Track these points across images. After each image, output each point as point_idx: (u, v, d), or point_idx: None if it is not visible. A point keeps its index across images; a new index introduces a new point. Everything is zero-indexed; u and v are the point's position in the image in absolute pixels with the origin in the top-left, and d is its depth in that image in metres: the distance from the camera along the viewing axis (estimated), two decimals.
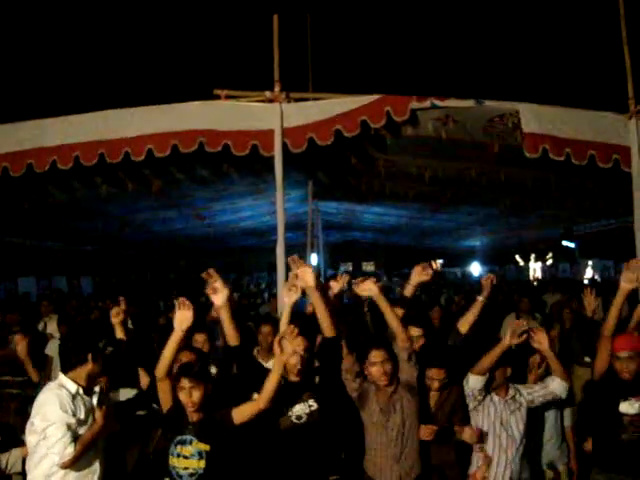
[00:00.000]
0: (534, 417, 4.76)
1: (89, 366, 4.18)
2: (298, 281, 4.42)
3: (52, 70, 18.25)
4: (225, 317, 4.40)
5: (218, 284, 4.36)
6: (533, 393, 4.58)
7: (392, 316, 4.32)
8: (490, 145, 6.80)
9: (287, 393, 4.24)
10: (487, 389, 4.55)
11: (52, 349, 7.28)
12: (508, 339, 4.43)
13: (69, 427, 3.96)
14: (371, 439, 4.34)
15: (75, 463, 3.98)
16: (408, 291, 5.12)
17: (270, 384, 3.90)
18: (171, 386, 4.20)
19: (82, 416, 4.09)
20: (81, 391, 4.16)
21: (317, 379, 4.35)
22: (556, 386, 4.54)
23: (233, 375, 4.78)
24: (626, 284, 4.52)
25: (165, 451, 4.07)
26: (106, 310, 10.39)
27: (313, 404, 4.21)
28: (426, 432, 4.31)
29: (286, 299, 4.68)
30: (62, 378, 4.18)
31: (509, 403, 4.53)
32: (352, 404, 4.44)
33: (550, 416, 5.15)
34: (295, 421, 4.18)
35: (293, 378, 4.28)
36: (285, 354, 3.93)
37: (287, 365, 4.20)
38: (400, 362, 4.31)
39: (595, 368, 4.61)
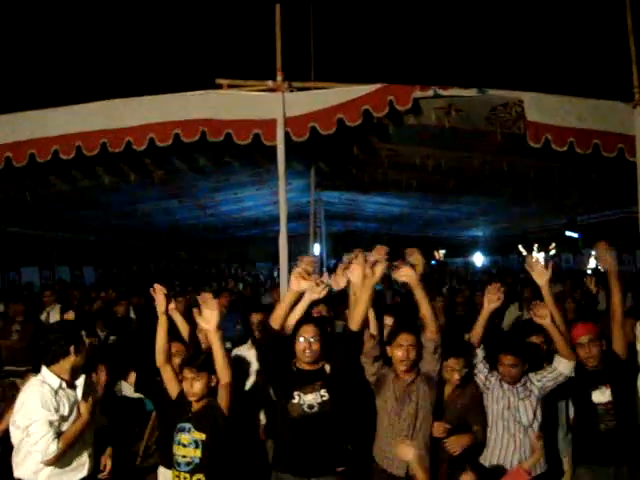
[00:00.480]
0: (549, 406, 4.72)
1: (72, 359, 4.11)
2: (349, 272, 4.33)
3: (54, 60, 18.22)
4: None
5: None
6: (542, 379, 4.53)
7: (427, 306, 4.26)
8: (493, 134, 6.77)
9: (299, 380, 4.24)
10: (493, 364, 4.55)
11: None
12: (487, 304, 4.61)
13: (51, 424, 3.89)
14: (382, 427, 4.33)
15: (60, 459, 3.95)
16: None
17: (216, 359, 3.95)
18: (174, 371, 4.24)
19: (65, 412, 4.02)
20: (64, 385, 4.09)
21: (328, 368, 4.31)
22: (563, 366, 4.48)
23: None
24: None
25: (170, 438, 4.11)
26: (109, 300, 10.46)
27: (325, 394, 4.19)
28: (438, 429, 4.31)
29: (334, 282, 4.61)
30: (45, 372, 4.09)
31: (519, 390, 4.50)
32: (362, 396, 4.44)
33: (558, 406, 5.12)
34: (307, 410, 4.17)
35: (305, 366, 4.26)
36: (203, 320, 4.00)
37: (296, 352, 4.22)
38: (425, 353, 4.29)
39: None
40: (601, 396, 4.42)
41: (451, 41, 20.65)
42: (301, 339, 4.21)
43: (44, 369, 4.11)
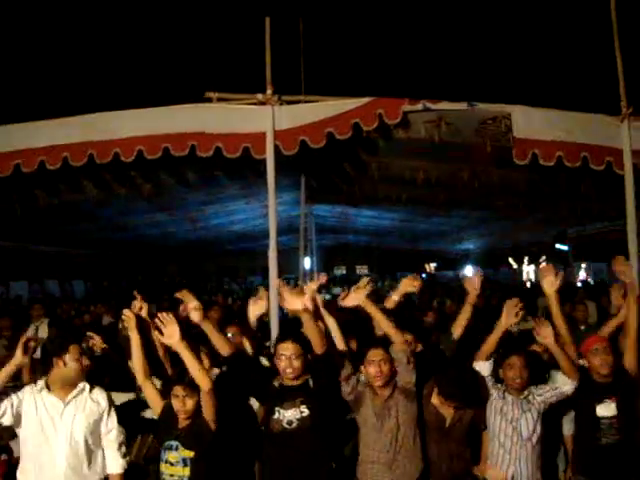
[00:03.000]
0: (551, 422, 4.67)
1: (56, 370, 4.11)
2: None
3: (44, 73, 18.19)
4: (208, 330, 4.44)
5: (192, 304, 4.40)
6: (544, 394, 4.46)
7: (383, 320, 4.31)
8: (483, 147, 6.78)
9: (280, 396, 4.21)
10: (497, 377, 4.51)
11: None
12: (505, 319, 4.48)
13: None
14: (364, 444, 4.29)
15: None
16: (390, 303, 5.02)
17: (190, 368, 3.94)
18: (155, 388, 4.20)
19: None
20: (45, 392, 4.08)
21: (311, 384, 4.29)
22: (567, 387, 4.44)
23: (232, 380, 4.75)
24: (550, 288, 4.62)
25: (157, 456, 4.05)
26: (98, 314, 10.38)
27: (305, 410, 4.16)
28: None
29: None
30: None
31: (522, 403, 4.45)
32: (345, 414, 4.41)
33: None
34: (286, 426, 4.15)
35: (287, 382, 4.24)
36: (165, 338, 4.04)
37: (279, 369, 4.20)
38: (398, 366, 4.26)
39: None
40: (606, 410, 4.37)
41: (441, 55, 20.78)
42: (282, 357, 4.18)
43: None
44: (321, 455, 4.23)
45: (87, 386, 4.17)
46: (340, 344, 4.49)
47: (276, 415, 4.17)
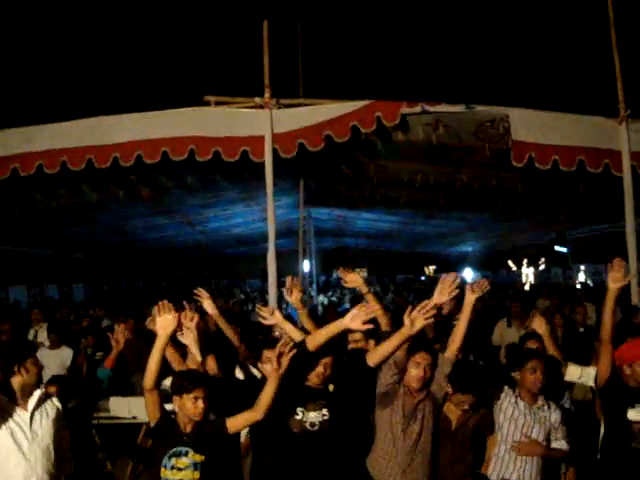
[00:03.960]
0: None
1: (18, 378, 4.04)
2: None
3: (43, 77, 18.21)
4: (222, 324, 4.68)
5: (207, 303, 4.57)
6: (557, 421, 4.42)
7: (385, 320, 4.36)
8: (481, 150, 6.79)
9: (304, 397, 4.19)
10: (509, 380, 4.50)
11: (42, 358, 7.20)
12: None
13: None
14: (384, 440, 4.25)
15: None
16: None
17: (266, 396, 3.83)
18: (160, 397, 4.13)
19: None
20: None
21: (331, 387, 4.28)
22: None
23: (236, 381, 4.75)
24: (614, 284, 4.40)
25: (157, 464, 3.99)
26: (97, 318, 10.37)
27: (326, 413, 4.16)
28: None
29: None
30: None
31: (535, 411, 4.41)
32: (364, 419, 4.40)
33: None
34: (309, 427, 4.12)
35: (312, 384, 4.22)
36: (282, 369, 3.86)
37: (311, 372, 4.16)
38: (438, 374, 4.24)
39: (598, 375, 4.39)
40: (638, 415, 4.32)
41: (439, 58, 20.81)
42: (320, 365, 4.16)
43: None
44: (339, 459, 4.22)
45: (41, 392, 4.05)
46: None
47: (299, 416, 4.14)
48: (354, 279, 4.77)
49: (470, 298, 4.33)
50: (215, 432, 3.91)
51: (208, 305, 4.83)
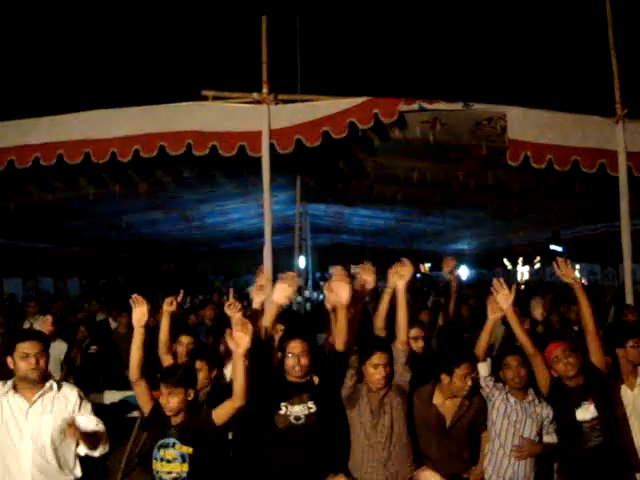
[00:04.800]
0: None
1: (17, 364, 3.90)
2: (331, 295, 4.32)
3: (40, 70, 18.15)
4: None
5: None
6: (549, 415, 4.48)
7: (404, 313, 4.35)
8: (478, 148, 6.81)
9: (287, 392, 4.22)
10: (497, 377, 4.51)
11: None
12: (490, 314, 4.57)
13: None
14: (359, 442, 4.29)
15: None
16: (384, 302, 4.78)
17: (238, 379, 3.84)
18: (148, 387, 4.16)
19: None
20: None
21: (316, 380, 4.30)
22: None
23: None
24: (492, 315, 4.56)
25: (149, 455, 4.02)
26: (92, 312, 10.37)
27: (312, 406, 4.18)
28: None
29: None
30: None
31: (526, 406, 4.44)
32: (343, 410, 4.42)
33: None
34: (293, 421, 4.15)
35: (293, 378, 4.24)
36: (240, 348, 3.84)
37: (286, 367, 4.21)
38: (397, 365, 4.28)
39: (540, 385, 4.46)
40: (586, 413, 4.30)
41: (437, 55, 20.80)
42: (289, 355, 4.19)
43: None
44: (326, 451, 4.24)
45: (55, 385, 4.01)
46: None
47: (282, 410, 4.17)
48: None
49: (399, 285, 4.48)
50: (202, 424, 3.94)
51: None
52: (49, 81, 17.66)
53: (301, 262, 14.08)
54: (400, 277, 4.53)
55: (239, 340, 3.83)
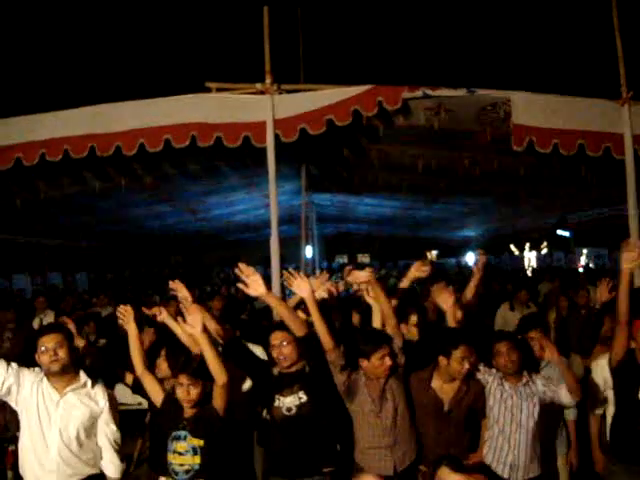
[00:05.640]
0: (547, 406, 4.63)
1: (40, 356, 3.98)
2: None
3: (44, 65, 18.16)
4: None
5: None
6: (546, 388, 4.38)
7: (386, 302, 4.34)
8: (483, 134, 6.79)
9: (278, 384, 4.26)
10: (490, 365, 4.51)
11: None
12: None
13: None
14: (363, 431, 4.29)
15: None
16: (404, 284, 5.17)
17: (209, 360, 3.88)
18: (154, 378, 4.21)
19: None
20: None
21: (307, 369, 4.33)
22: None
23: None
24: (627, 264, 4.35)
25: (163, 447, 4.05)
26: (100, 306, 10.42)
27: (303, 396, 4.22)
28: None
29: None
30: None
31: (521, 390, 4.41)
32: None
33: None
34: (285, 413, 4.21)
35: (283, 370, 4.28)
36: (195, 328, 3.92)
37: (273, 357, 4.26)
38: (394, 350, 4.31)
39: (613, 356, 4.36)
40: None
41: (440, 41, 20.70)
42: (273, 347, 4.25)
43: None
44: (323, 439, 4.27)
45: (89, 381, 4.08)
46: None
47: (276, 403, 4.23)
48: (364, 277, 4.54)
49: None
50: (210, 416, 3.97)
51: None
52: (53, 76, 17.67)
53: (308, 252, 14.10)
54: (422, 272, 4.66)
55: (193, 322, 3.92)
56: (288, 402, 4.21)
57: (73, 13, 18.65)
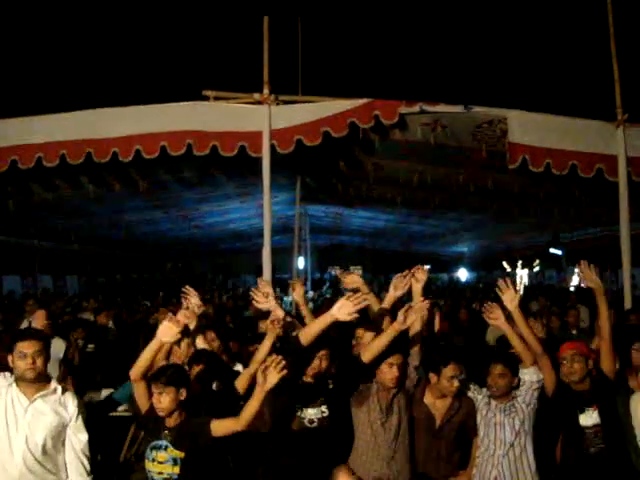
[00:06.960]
0: (549, 415, 4.61)
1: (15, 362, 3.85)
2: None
3: (41, 69, 18.16)
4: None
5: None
6: (523, 395, 4.38)
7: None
8: (478, 151, 6.82)
9: (303, 394, 4.23)
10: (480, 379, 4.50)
11: None
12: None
13: None
14: (364, 439, 4.28)
15: None
16: (385, 304, 4.72)
17: (250, 409, 3.76)
18: (147, 388, 4.14)
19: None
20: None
21: (330, 384, 4.32)
22: (528, 376, 4.37)
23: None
24: (510, 305, 4.38)
25: (143, 454, 4.01)
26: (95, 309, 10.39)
27: (325, 410, 4.20)
28: None
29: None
30: None
31: (506, 408, 4.43)
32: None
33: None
34: (307, 424, 4.16)
35: (309, 379, 4.25)
36: (267, 384, 3.82)
37: (309, 368, 4.20)
38: (409, 367, 4.32)
39: (546, 385, 4.38)
40: (589, 419, 4.28)
41: (438, 58, 20.82)
42: (316, 359, 4.20)
43: None
44: (337, 455, 4.25)
45: (59, 388, 3.97)
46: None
47: (299, 413, 4.18)
48: (354, 280, 4.73)
49: (415, 288, 4.53)
50: (197, 431, 3.90)
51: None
52: (51, 79, 17.67)
53: (300, 263, 14.08)
54: (417, 281, 4.56)
55: (270, 377, 3.70)
56: (311, 414, 4.18)
57: (73, 19, 18.68)
